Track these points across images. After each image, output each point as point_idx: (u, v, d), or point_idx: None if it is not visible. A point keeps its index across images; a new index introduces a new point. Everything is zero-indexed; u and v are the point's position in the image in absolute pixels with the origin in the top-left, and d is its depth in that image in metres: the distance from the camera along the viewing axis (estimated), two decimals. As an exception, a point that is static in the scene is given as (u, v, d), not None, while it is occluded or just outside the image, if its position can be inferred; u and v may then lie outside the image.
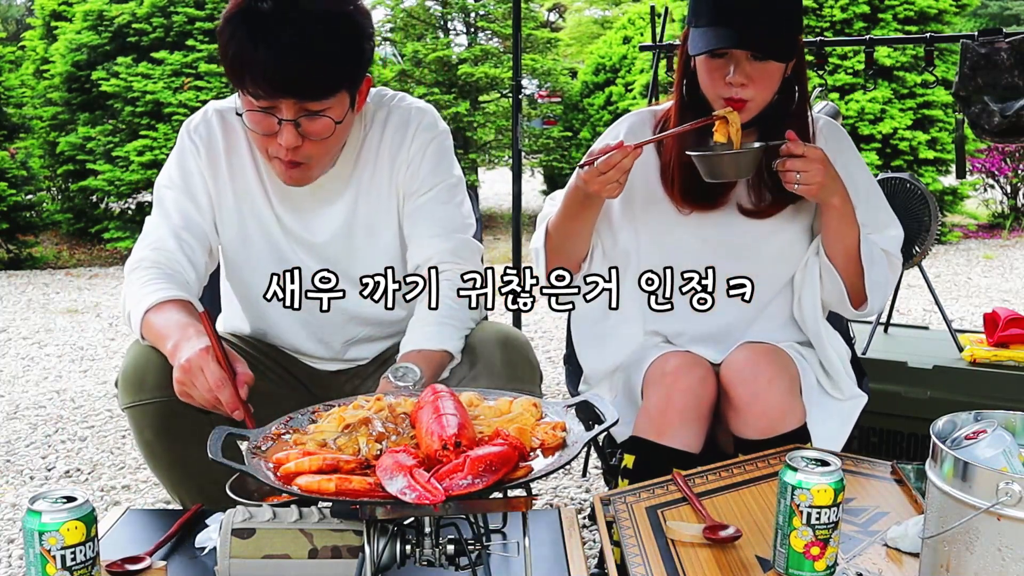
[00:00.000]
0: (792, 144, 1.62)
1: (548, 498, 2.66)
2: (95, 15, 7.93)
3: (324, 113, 1.52)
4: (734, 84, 1.64)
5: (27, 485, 2.82)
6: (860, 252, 1.71)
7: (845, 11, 7.70)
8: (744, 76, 1.64)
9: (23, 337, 4.97)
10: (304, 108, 1.50)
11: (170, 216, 1.69)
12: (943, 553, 1.06)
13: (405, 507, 1.02)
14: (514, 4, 3.40)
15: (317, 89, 1.49)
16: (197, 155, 1.70)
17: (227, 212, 1.73)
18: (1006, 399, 2.32)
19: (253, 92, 1.49)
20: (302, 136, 1.53)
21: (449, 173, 1.75)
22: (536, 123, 10.98)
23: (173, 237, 1.67)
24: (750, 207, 1.78)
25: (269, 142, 1.55)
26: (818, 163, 1.61)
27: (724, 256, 1.76)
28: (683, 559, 1.24)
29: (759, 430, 1.61)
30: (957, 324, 4.12)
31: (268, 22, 1.46)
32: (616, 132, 1.85)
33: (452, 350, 1.60)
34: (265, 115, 1.51)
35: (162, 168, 1.75)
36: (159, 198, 1.72)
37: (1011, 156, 8.33)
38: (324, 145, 1.57)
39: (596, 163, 1.58)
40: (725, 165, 1.65)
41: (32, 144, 8.42)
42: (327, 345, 1.81)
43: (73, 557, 1.07)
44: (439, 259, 1.68)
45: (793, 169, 1.61)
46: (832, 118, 2.87)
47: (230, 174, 1.71)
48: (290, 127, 1.51)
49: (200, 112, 1.74)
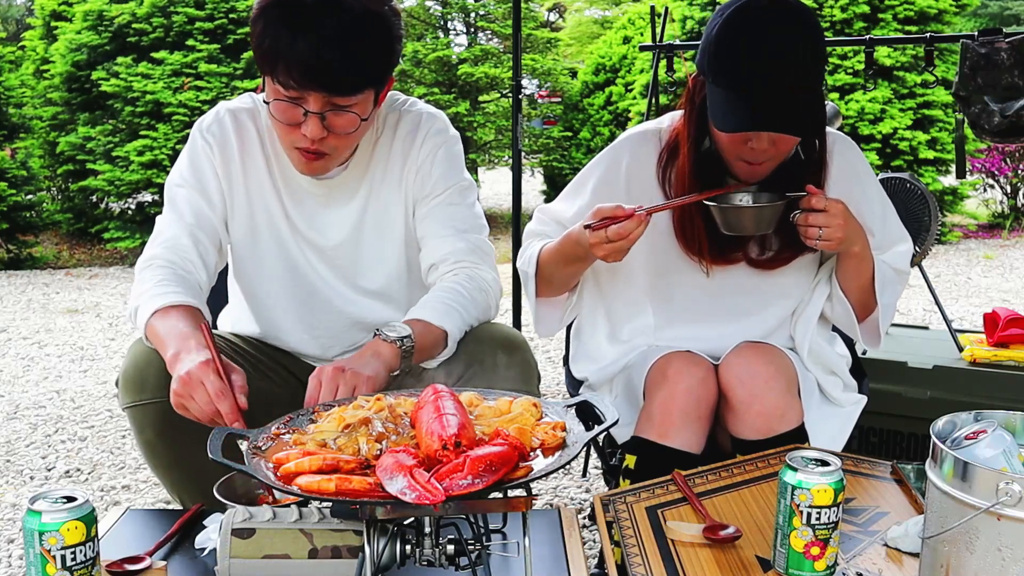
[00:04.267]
0: (814, 199, 1.55)
1: (548, 498, 2.66)
2: (95, 15, 7.93)
3: (350, 108, 1.53)
4: (756, 149, 1.58)
5: (27, 485, 2.82)
6: (874, 283, 1.70)
7: (845, 11, 7.70)
8: (769, 143, 1.58)
9: (23, 337, 4.97)
10: (332, 102, 1.51)
11: (183, 214, 1.69)
12: (943, 553, 1.06)
13: (405, 507, 1.02)
14: (514, 4, 3.40)
15: (347, 85, 1.50)
16: (211, 153, 1.70)
17: (239, 211, 1.73)
18: (1006, 399, 2.32)
19: (284, 81, 1.50)
20: (326, 129, 1.53)
21: (460, 177, 1.76)
22: (536, 123, 10.99)
23: (187, 235, 1.67)
24: (761, 259, 1.74)
25: (292, 132, 1.55)
26: (840, 217, 1.55)
27: (727, 310, 1.77)
28: (683, 559, 1.24)
29: (757, 430, 1.60)
30: (957, 324, 4.12)
31: (309, 14, 1.46)
32: (618, 156, 1.78)
33: (451, 331, 1.59)
34: (291, 105, 1.52)
35: (172, 168, 1.76)
36: (171, 196, 1.72)
37: (1011, 156, 8.33)
38: (347, 139, 1.58)
39: (608, 232, 1.52)
40: (746, 219, 1.59)
41: (32, 144, 8.42)
42: (329, 348, 1.82)
43: (73, 557, 1.07)
44: (456, 257, 1.68)
45: (816, 225, 1.56)
46: (832, 118, 2.90)
47: (243, 174, 1.71)
48: (315, 119, 1.52)
49: (212, 112, 1.75)
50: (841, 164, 1.74)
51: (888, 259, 1.77)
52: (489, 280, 1.70)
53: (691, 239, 1.72)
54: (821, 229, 1.56)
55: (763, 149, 1.58)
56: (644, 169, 1.76)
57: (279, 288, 1.76)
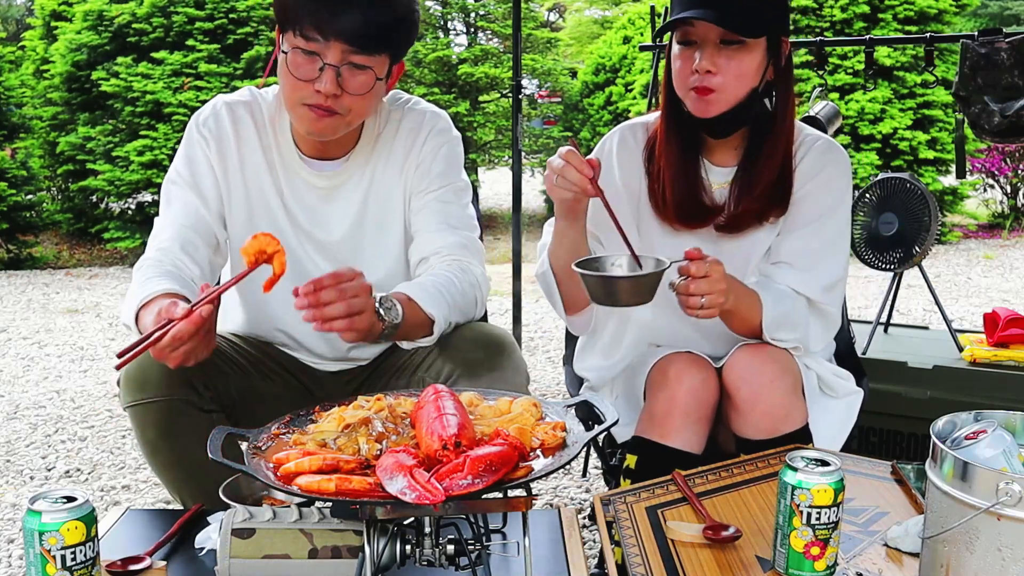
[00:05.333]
0: (694, 265, 1.49)
1: (548, 498, 2.66)
2: (95, 15, 7.93)
3: (367, 68, 1.54)
4: (700, 71, 1.61)
5: (27, 485, 2.82)
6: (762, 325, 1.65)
7: (845, 11, 7.70)
8: (711, 63, 1.60)
9: (23, 337, 4.97)
10: (350, 58, 1.52)
11: (176, 215, 1.69)
12: (943, 553, 1.06)
13: (405, 507, 1.02)
14: (514, 4, 3.41)
15: (370, 40, 1.52)
16: (207, 147, 1.70)
17: (237, 205, 1.73)
18: (1006, 399, 2.33)
19: (305, 32, 1.50)
20: (340, 87, 1.53)
21: (458, 177, 1.77)
22: (536, 123, 10.99)
23: (179, 237, 1.67)
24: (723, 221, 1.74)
25: (303, 87, 1.55)
26: (722, 281, 1.51)
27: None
28: (683, 559, 1.24)
29: (761, 430, 1.61)
30: (957, 324, 4.12)
31: None
32: (607, 143, 1.83)
33: (438, 319, 1.58)
34: (309, 58, 1.52)
35: (170, 166, 1.75)
36: (166, 195, 1.72)
37: (1011, 156, 8.33)
38: (360, 101, 1.57)
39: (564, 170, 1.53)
40: (622, 290, 1.46)
41: (32, 144, 8.42)
42: (330, 342, 1.81)
43: (73, 557, 1.07)
44: (448, 251, 1.69)
45: (698, 293, 1.49)
46: (832, 118, 2.91)
47: (241, 167, 1.71)
48: (332, 73, 1.52)
49: (209, 105, 1.74)
50: (830, 171, 1.73)
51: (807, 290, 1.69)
52: (478, 276, 1.71)
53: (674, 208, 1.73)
54: (703, 297, 1.49)
55: (705, 70, 1.60)
56: (633, 154, 1.80)
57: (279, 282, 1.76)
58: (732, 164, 1.75)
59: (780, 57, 1.68)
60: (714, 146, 1.75)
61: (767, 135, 1.70)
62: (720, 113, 1.65)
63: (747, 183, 1.71)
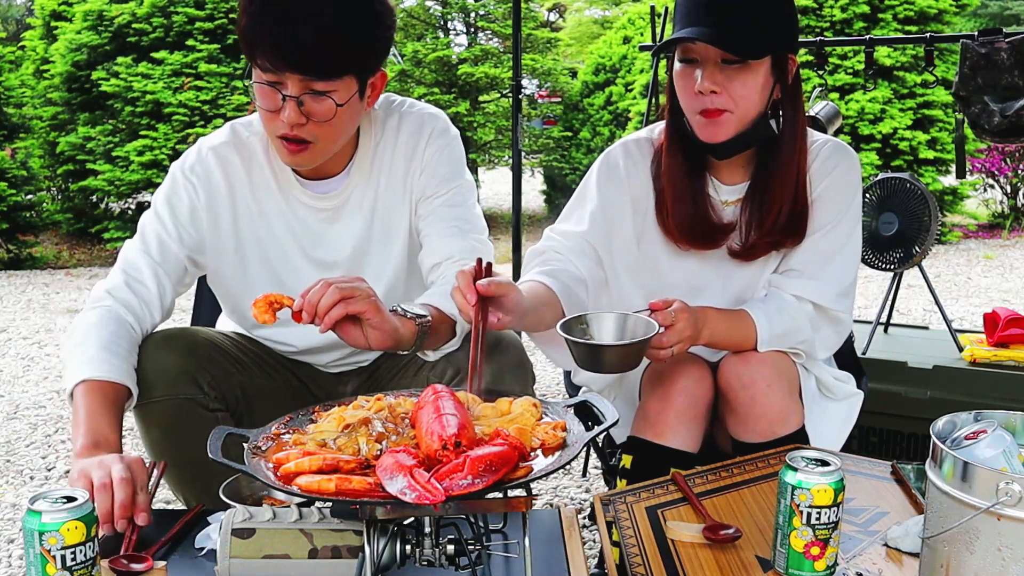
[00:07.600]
0: (660, 316, 1.50)
1: (548, 498, 2.66)
2: (95, 15, 7.93)
3: (329, 95, 1.52)
4: (703, 92, 1.56)
5: (27, 485, 2.82)
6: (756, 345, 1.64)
7: (845, 11, 7.70)
8: (712, 82, 1.56)
9: (23, 337, 4.97)
10: (309, 86, 1.51)
11: (150, 247, 1.68)
12: (943, 553, 1.06)
13: (405, 507, 1.02)
14: (514, 4, 3.41)
15: (323, 68, 1.50)
16: (195, 195, 1.69)
17: (227, 248, 1.71)
18: (1006, 399, 2.33)
19: (261, 64, 1.50)
20: (305, 116, 1.52)
21: (462, 178, 1.75)
22: (536, 123, 10.99)
23: (150, 273, 1.66)
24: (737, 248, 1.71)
25: (273, 119, 1.55)
26: (687, 329, 1.52)
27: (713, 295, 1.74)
28: (683, 559, 1.24)
29: (758, 433, 1.60)
30: (957, 324, 4.12)
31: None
32: (615, 158, 1.78)
33: (460, 323, 1.57)
34: (271, 89, 1.52)
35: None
36: (142, 227, 1.71)
37: (1011, 156, 8.33)
38: (328, 128, 1.56)
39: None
40: (608, 358, 1.46)
41: (32, 144, 8.43)
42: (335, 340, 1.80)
43: (73, 557, 1.07)
44: (460, 256, 1.67)
45: (669, 345, 1.51)
46: (832, 118, 2.91)
47: (232, 209, 1.70)
48: (293, 104, 1.51)
49: (193, 151, 1.72)
50: (842, 171, 1.70)
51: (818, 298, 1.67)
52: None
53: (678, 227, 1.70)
54: (671, 348, 1.52)
55: (709, 90, 1.56)
56: (640, 168, 1.76)
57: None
58: (740, 180, 1.71)
59: (787, 75, 1.63)
60: (721, 163, 1.71)
61: (776, 155, 1.65)
62: (728, 139, 1.61)
63: (759, 211, 1.67)
